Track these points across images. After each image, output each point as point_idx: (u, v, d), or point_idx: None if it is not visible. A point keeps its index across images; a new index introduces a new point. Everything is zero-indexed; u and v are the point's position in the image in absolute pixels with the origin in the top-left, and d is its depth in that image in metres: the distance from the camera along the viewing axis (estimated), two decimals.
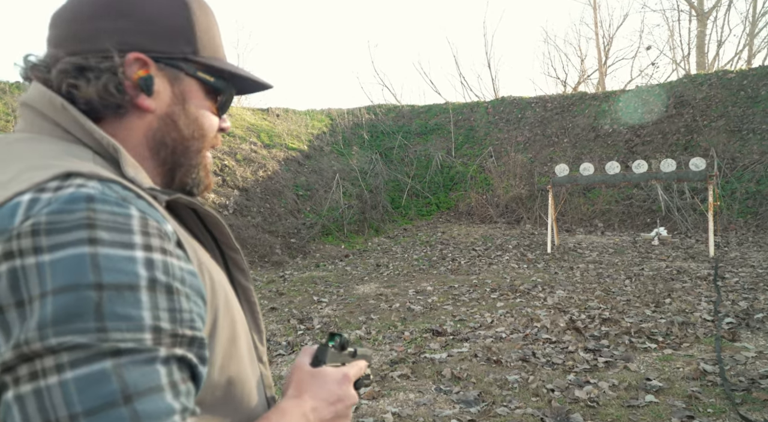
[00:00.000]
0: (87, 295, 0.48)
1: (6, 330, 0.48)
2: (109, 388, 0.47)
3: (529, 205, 11.79)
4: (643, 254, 8.06)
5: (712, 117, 11.79)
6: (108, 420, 0.46)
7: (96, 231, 0.50)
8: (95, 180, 0.55)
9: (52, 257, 0.48)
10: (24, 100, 0.67)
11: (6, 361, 0.47)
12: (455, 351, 4.29)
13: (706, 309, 5.01)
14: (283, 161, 11.46)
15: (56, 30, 0.68)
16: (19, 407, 0.46)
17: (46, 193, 0.52)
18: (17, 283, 0.48)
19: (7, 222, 0.50)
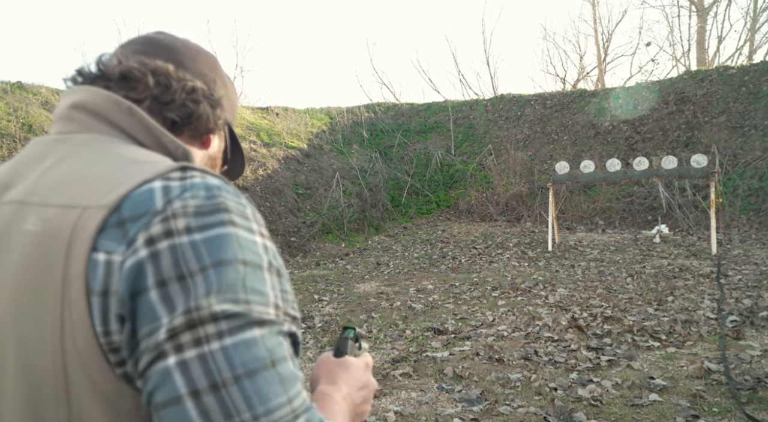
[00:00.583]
0: (238, 269, 0.55)
1: (168, 301, 0.52)
2: (260, 353, 0.53)
3: (530, 202, 11.75)
4: (645, 252, 8.03)
5: (713, 113, 11.74)
6: (263, 379, 0.53)
7: (232, 215, 0.57)
8: (208, 174, 0.61)
9: (203, 236, 0.55)
10: (79, 103, 0.70)
11: (175, 327, 0.52)
12: (457, 349, 4.26)
13: (709, 307, 4.97)
14: (282, 160, 11.42)
15: (169, 54, 0.78)
16: (182, 371, 0.51)
17: (173, 181, 0.58)
18: (177, 259, 0.53)
19: (149, 204, 0.55)
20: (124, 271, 0.53)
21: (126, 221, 0.55)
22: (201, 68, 0.80)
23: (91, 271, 0.54)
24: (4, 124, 8.36)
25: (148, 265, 0.53)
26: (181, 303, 0.52)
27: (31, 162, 0.67)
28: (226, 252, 0.55)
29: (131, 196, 0.56)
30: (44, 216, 0.58)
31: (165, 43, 0.79)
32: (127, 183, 0.58)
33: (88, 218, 0.56)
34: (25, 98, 9.27)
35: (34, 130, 8.56)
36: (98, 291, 0.54)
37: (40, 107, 9.25)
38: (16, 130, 8.31)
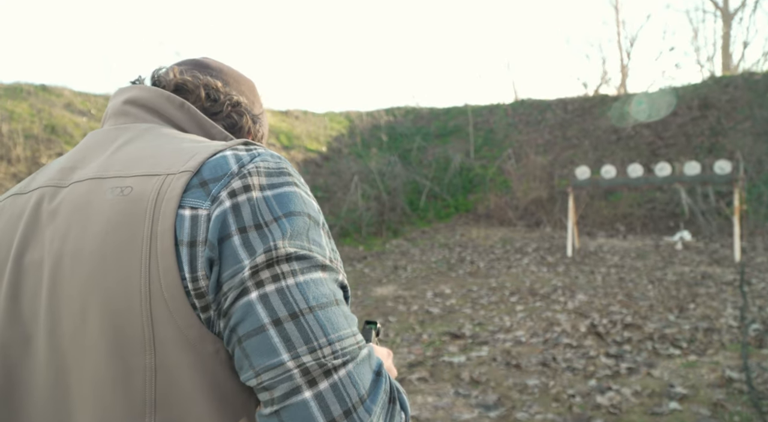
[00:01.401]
0: (304, 220, 0.63)
1: (248, 245, 0.60)
2: (327, 291, 0.61)
3: (549, 207, 11.66)
4: (666, 258, 7.92)
5: (738, 119, 11.56)
6: (333, 312, 0.60)
7: (294, 178, 0.67)
8: (266, 149, 0.70)
9: (274, 192, 0.63)
10: (133, 99, 0.78)
11: (257, 265, 0.59)
12: (474, 354, 4.25)
13: (731, 315, 4.89)
14: (301, 163, 11.50)
15: (217, 74, 0.88)
16: (264, 303, 0.58)
17: (241, 152, 0.66)
18: (255, 211, 0.61)
19: (226, 167, 0.63)
20: (212, 221, 0.60)
21: (208, 182, 0.62)
22: (243, 89, 0.89)
23: (179, 225, 0.60)
24: (27, 125, 8.55)
25: (231, 215, 0.60)
26: (260, 246, 0.59)
27: (94, 148, 0.74)
28: (295, 206, 0.63)
29: (208, 162, 0.64)
30: (125, 185, 0.65)
31: (213, 65, 0.89)
32: (202, 153, 0.65)
33: (172, 181, 0.63)
34: (49, 100, 9.48)
35: (57, 131, 8.74)
36: (186, 242, 0.60)
37: (63, 109, 9.45)
38: (39, 132, 8.49)
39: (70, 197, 0.67)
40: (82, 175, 0.69)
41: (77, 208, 0.66)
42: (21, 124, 8.49)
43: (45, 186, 0.71)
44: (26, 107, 9.03)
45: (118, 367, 0.60)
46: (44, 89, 9.87)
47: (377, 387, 0.60)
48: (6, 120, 8.29)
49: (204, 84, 0.83)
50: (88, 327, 0.62)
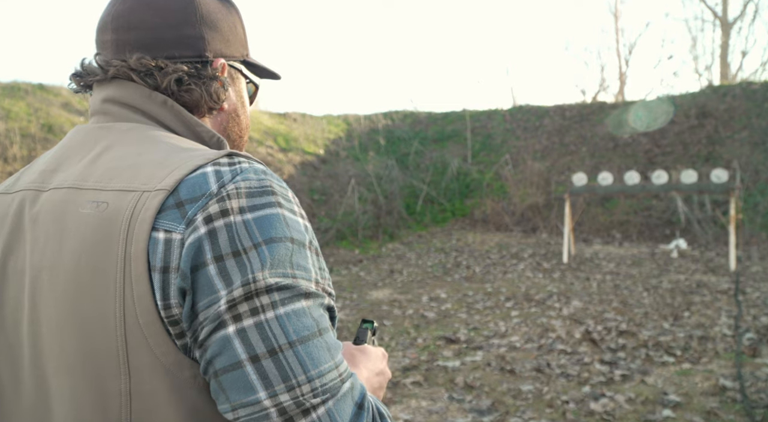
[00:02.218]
0: (286, 246, 0.59)
1: (225, 275, 0.57)
2: (309, 322, 0.58)
3: (546, 213, 11.68)
4: (662, 266, 7.93)
5: (735, 128, 11.60)
6: (314, 346, 0.57)
7: (278, 197, 0.62)
8: (253, 160, 0.66)
9: (255, 215, 0.59)
10: (113, 97, 0.73)
11: (234, 298, 0.56)
12: (468, 359, 4.24)
13: (726, 324, 4.90)
14: (299, 165, 11.50)
15: (135, 34, 0.73)
16: (242, 339, 0.56)
17: (224, 167, 0.62)
18: (233, 237, 0.58)
19: (204, 187, 0.59)
20: (186, 248, 0.57)
21: (184, 203, 0.59)
22: (182, 34, 0.75)
23: (152, 249, 0.58)
24: (24, 124, 8.53)
25: (206, 242, 0.57)
26: (237, 277, 0.57)
27: (76, 148, 0.71)
28: (276, 231, 0.59)
29: (186, 179, 0.60)
30: (101, 200, 0.62)
31: (138, 15, 0.74)
32: (181, 168, 0.62)
33: (146, 200, 0.60)
34: (46, 99, 9.46)
35: (54, 130, 8.72)
36: (159, 268, 0.58)
37: (60, 108, 9.43)
38: (36, 131, 8.47)
39: (49, 205, 0.66)
40: (61, 181, 0.68)
41: (54, 218, 0.65)
42: (18, 123, 8.47)
43: (27, 189, 0.70)
44: (23, 106, 9.01)
45: (95, 390, 0.60)
46: (42, 88, 9.85)
47: None
48: (3, 119, 8.27)
49: (133, 68, 0.73)
50: (66, 347, 0.62)
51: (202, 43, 0.76)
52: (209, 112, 0.79)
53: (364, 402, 0.60)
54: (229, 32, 0.81)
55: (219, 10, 0.80)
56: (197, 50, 0.76)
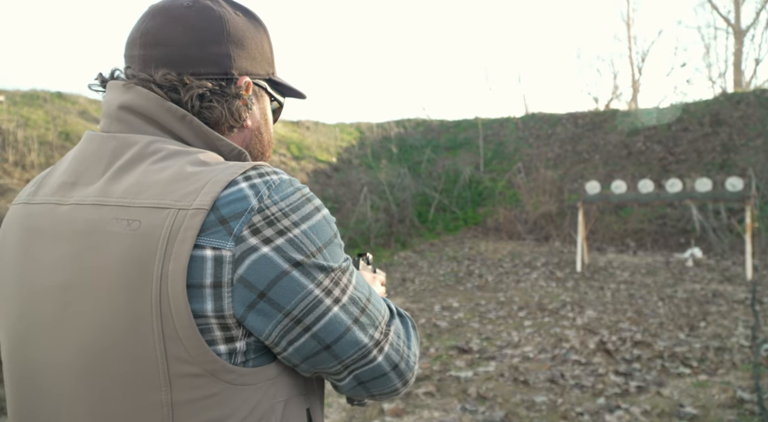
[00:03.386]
0: (337, 241, 0.71)
1: (308, 274, 0.66)
2: (363, 282, 0.76)
3: (559, 222, 11.61)
4: (677, 275, 7.85)
5: (750, 136, 11.49)
6: (376, 299, 0.77)
7: (315, 202, 0.70)
8: (274, 169, 0.70)
9: (309, 225, 0.67)
10: (131, 105, 0.73)
11: (327, 286, 0.68)
12: (481, 369, 4.22)
13: (743, 335, 4.84)
14: (311, 173, 11.55)
15: (163, 50, 0.75)
16: (344, 311, 0.70)
17: (255, 179, 0.66)
18: (299, 246, 0.65)
19: (244, 202, 0.64)
20: (251, 263, 0.63)
21: (228, 220, 0.63)
22: (208, 51, 0.76)
23: (198, 266, 0.61)
24: (42, 131, 8.66)
25: (277, 256, 0.64)
26: (319, 272, 0.67)
27: (92, 160, 0.72)
28: (327, 233, 0.69)
29: (223, 196, 0.64)
30: (131, 217, 0.63)
31: (166, 30, 0.75)
32: (214, 184, 0.64)
33: (185, 219, 0.62)
34: (64, 107, 9.59)
35: (72, 138, 8.84)
36: (210, 284, 0.62)
37: (78, 116, 9.56)
38: (53, 138, 8.59)
39: (71, 222, 0.67)
40: (83, 197, 0.68)
41: (79, 235, 0.66)
42: (36, 131, 8.60)
43: (46, 202, 0.71)
44: (42, 114, 9.15)
45: (133, 402, 0.63)
46: (60, 96, 9.99)
47: (406, 327, 0.83)
48: (21, 126, 8.40)
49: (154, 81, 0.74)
50: (96, 364, 0.63)
51: (227, 61, 0.77)
52: (230, 129, 0.79)
53: (393, 310, 0.82)
54: (256, 50, 0.81)
55: (247, 28, 0.80)
56: (223, 67, 0.76)
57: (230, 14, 0.79)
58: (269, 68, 0.85)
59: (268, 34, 0.85)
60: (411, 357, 0.80)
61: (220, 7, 0.79)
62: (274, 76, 0.86)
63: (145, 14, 0.78)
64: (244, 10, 0.83)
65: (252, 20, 0.82)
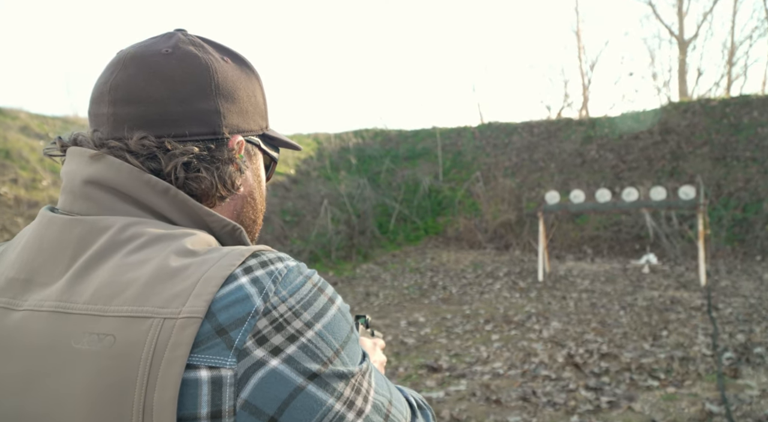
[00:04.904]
0: (354, 336, 0.59)
1: (327, 387, 0.54)
2: (386, 389, 0.64)
3: (518, 230, 11.75)
4: (635, 282, 8.02)
5: (697, 144, 11.93)
6: (398, 401, 0.65)
7: (327, 290, 0.59)
8: (281, 256, 0.59)
9: (323, 323, 0.55)
10: (99, 179, 0.60)
11: (347, 398, 0.56)
12: (452, 389, 4.16)
13: (704, 343, 4.94)
14: (270, 186, 11.33)
15: (137, 108, 0.62)
16: (368, 421, 0.58)
17: (257, 271, 0.54)
18: (314, 353, 0.54)
19: (247, 304, 0.52)
20: (257, 383, 0.50)
21: (226, 329, 0.50)
22: (193, 108, 0.64)
23: (189, 394, 0.48)
24: None
25: (289, 369, 0.52)
26: (340, 382, 0.55)
27: (51, 251, 0.58)
28: (344, 329, 0.58)
29: (220, 297, 0.51)
30: (102, 331, 0.50)
31: (138, 94, 0.63)
32: (208, 282, 0.51)
33: (173, 331, 0.49)
34: (3, 123, 9.10)
35: (12, 156, 8.38)
36: (205, 414, 0.49)
37: (18, 132, 9.08)
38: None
39: (26, 332, 0.53)
40: (40, 301, 0.54)
41: (35, 352, 0.52)
42: None
43: None
44: None
45: None
46: None
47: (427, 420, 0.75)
48: None
49: (127, 149, 0.61)
50: None
51: (217, 119, 0.65)
52: (220, 199, 0.67)
53: (414, 405, 0.72)
54: (248, 103, 0.69)
55: (238, 78, 0.68)
56: (211, 127, 0.64)
57: (217, 62, 0.67)
58: (262, 122, 0.73)
59: (260, 82, 0.74)
60: None
61: (206, 53, 0.66)
62: (268, 130, 0.75)
63: (114, 62, 0.65)
64: (233, 55, 0.71)
65: (243, 67, 0.71)
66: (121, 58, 0.65)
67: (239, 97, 0.68)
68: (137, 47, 0.66)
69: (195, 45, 0.67)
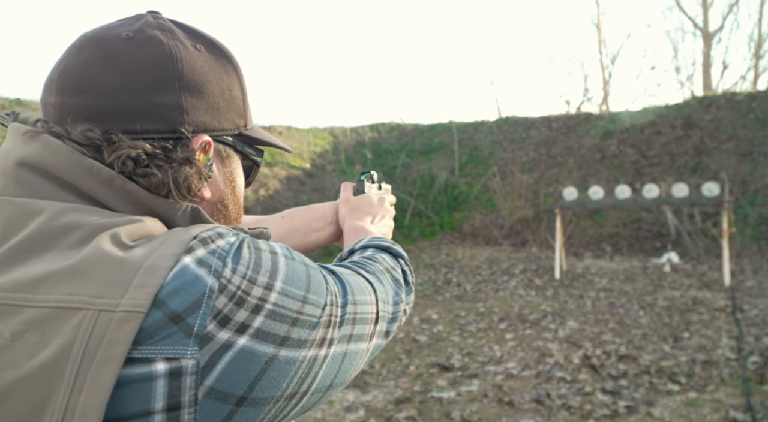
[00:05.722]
0: (311, 272, 0.56)
1: (300, 342, 0.52)
2: (356, 295, 0.63)
3: (535, 227, 11.54)
4: (655, 281, 7.80)
5: (721, 139, 11.60)
6: (362, 306, 0.63)
7: (262, 248, 0.54)
8: (222, 230, 0.54)
9: (281, 278, 0.52)
10: (34, 161, 0.53)
11: (320, 336, 0.54)
12: (464, 389, 4.04)
13: (728, 346, 4.75)
14: (284, 180, 11.27)
15: (86, 99, 0.55)
16: (333, 355, 0.57)
17: (199, 250, 0.49)
18: (283, 314, 0.51)
19: (199, 285, 0.47)
20: (225, 368, 0.46)
21: (182, 315, 0.45)
22: (149, 102, 0.56)
23: (141, 389, 0.43)
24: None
25: (258, 343, 0.48)
26: (312, 330, 0.53)
27: None
28: (300, 272, 0.54)
29: (169, 283, 0.46)
30: (25, 321, 0.43)
31: (87, 83, 0.55)
32: (150, 271, 0.46)
33: (109, 326, 0.43)
34: None
35: None
36: (160, 409, 0.44)
37: None
38: None
39: None
40: None
41: None
42: None
43: None
44: None
45: None
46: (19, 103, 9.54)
47: (390, 285, 0.77)
48: None
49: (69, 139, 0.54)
50: None
51: (178, 115, 0.57)
52: (184, 198, 0.59)
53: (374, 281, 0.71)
54: (220, 98, 0.61)
55: (209, 69, 0.60)
56: (170, 123, 0.56)
57: (186, 50, 0.58)
58: (239, 120, 0.64)
59: (240, 75, 0.65)
60: (399, 313, 0.75)
61: (173, 39, 0.58)
62: (246, 129, 0.66)
63: (71, 46, 0.57)
64: (209, 43, 0.62)
65: (219, 57, 0.62)
66: (77, 41, 0.57)
67: (209, 91, 0.59)
68: (98, 30, 0.58)
69: (163, 29, 0.59)
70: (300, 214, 1.04)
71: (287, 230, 1.02)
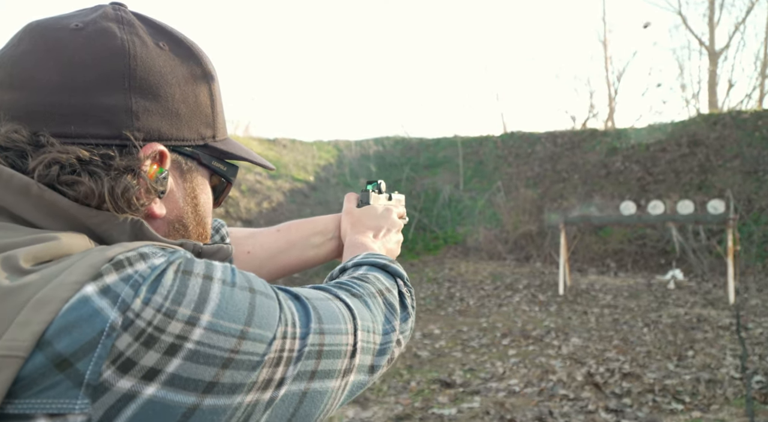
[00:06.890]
0: (258, 300, 0.48)
1: (234, 387, 0.44)
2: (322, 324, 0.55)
3: (539, 242, 11.51)
4: (660, 299, 7.75)
5: (727, 157, 11.58)
6: (333, 336, 0.55)
7: (194, 271, 0.45)
8: (143, 249, 0.46)
9: (210, 311, 0.43)
10: None
11: (264, 376, 0.47)
12: (465, 406, 4.00)
13: (732, 365, 4.70)
14: (288, 192, 11.29)
15: (18, 95, 0.48)
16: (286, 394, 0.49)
17: (108, 277, 0.41)
18: (209, 355, 0.42)
19: (95, 323, 0.38)
20: (130, 419, 0.39)
21: (69, 360, 0.37)
22: (91, 102, 0.49)
23: None
24: None
25: (173, 392, 0.40)
26: (252, 371, 0.45)
27: None
28: (240, 302, 0.46)
29: (58, 319, 0.38)
30: None
31: (21, 78, 0.50)
32: (38, 306, 0.38)
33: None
34: None
35: None
36: None
37: None
38: None
39: None
40: None
41: None
42: None
43: None
44: None
45: None
46: None
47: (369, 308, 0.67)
48: None
49: None
50: None
51: (125, 118, 0.50)
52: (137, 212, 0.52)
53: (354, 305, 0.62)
54: (182, 103, 0.54)
55: (170, 70, 0.53)
56: (114, 128, 0.50)
57: (144, 46, 0.52)
58: (206, 130, 0.57)
59: (210, 80, 0.58)
60: (389, 344, 0.65)
61: (131, 34, 0.52)
62: (214, 141, 0.59)
63: (14, 35, 0.52)
64: (176, 41, 0.56)
65: (185, 58, 0.55)
66: (20, 30, 0.52)
67: (167, 94, 0.53)
68: (47, 18, 0.52)
69: (120, 22, 0.52)
70: (298, 228, 0.98)
71: (283, 244, 0.95)
